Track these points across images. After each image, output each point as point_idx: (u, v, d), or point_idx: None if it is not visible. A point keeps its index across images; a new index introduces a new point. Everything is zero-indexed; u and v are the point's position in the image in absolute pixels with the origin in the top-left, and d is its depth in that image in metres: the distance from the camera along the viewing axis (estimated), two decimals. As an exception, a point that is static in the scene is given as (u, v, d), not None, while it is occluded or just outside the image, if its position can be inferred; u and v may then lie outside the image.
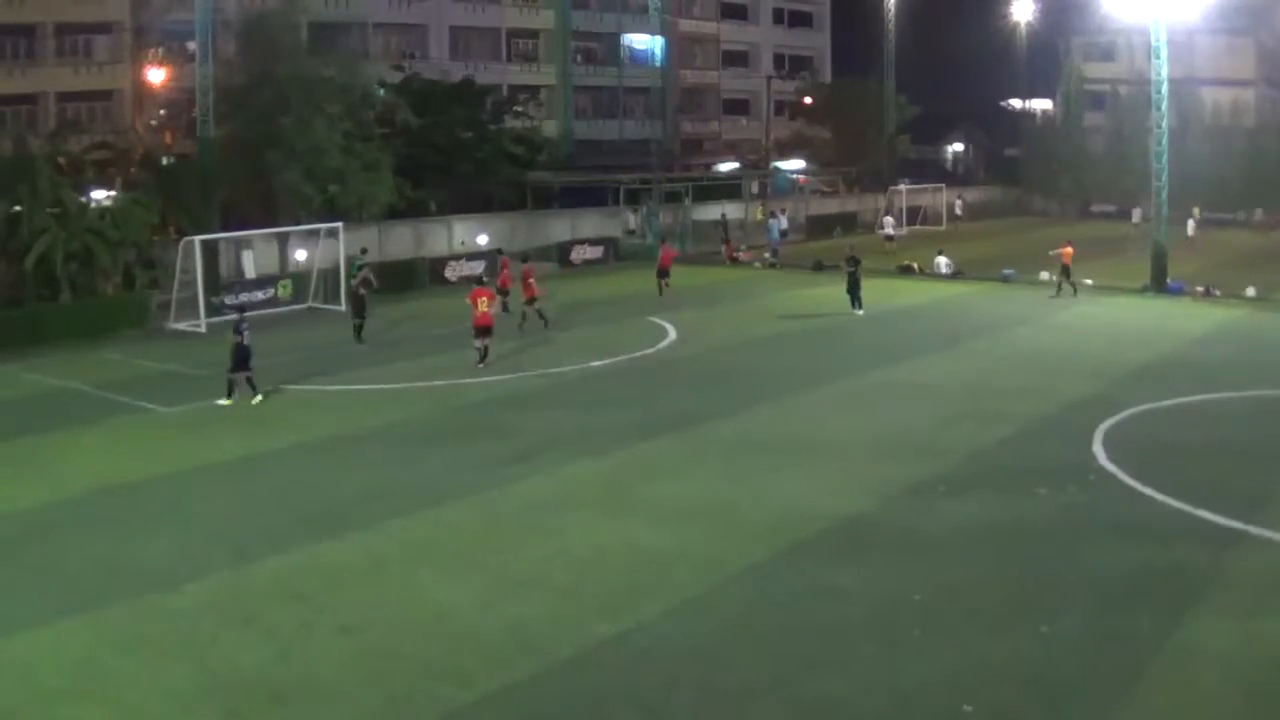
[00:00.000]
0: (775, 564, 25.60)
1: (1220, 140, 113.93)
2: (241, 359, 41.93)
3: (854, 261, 60.22)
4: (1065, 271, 66.15)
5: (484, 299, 47.98)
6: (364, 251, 64.36)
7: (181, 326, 57.57)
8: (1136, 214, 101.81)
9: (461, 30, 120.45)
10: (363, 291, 53.03)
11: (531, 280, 55.73)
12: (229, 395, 41.59)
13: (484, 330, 47.50)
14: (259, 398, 41.74)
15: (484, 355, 47.47)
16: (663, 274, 67.32)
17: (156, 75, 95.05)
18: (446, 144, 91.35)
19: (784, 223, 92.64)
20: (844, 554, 26.11)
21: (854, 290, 59.43)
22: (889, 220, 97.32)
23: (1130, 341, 52.31)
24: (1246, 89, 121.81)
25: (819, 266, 78.35)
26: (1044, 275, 70.87)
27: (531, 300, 55.23)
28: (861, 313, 58.72)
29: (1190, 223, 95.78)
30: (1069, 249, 66.81)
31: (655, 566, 25.45)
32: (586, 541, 27.10)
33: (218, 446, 36.31)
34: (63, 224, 58.95)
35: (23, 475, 33.61)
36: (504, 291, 56.88)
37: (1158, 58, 68.28)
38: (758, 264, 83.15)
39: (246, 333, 42.04)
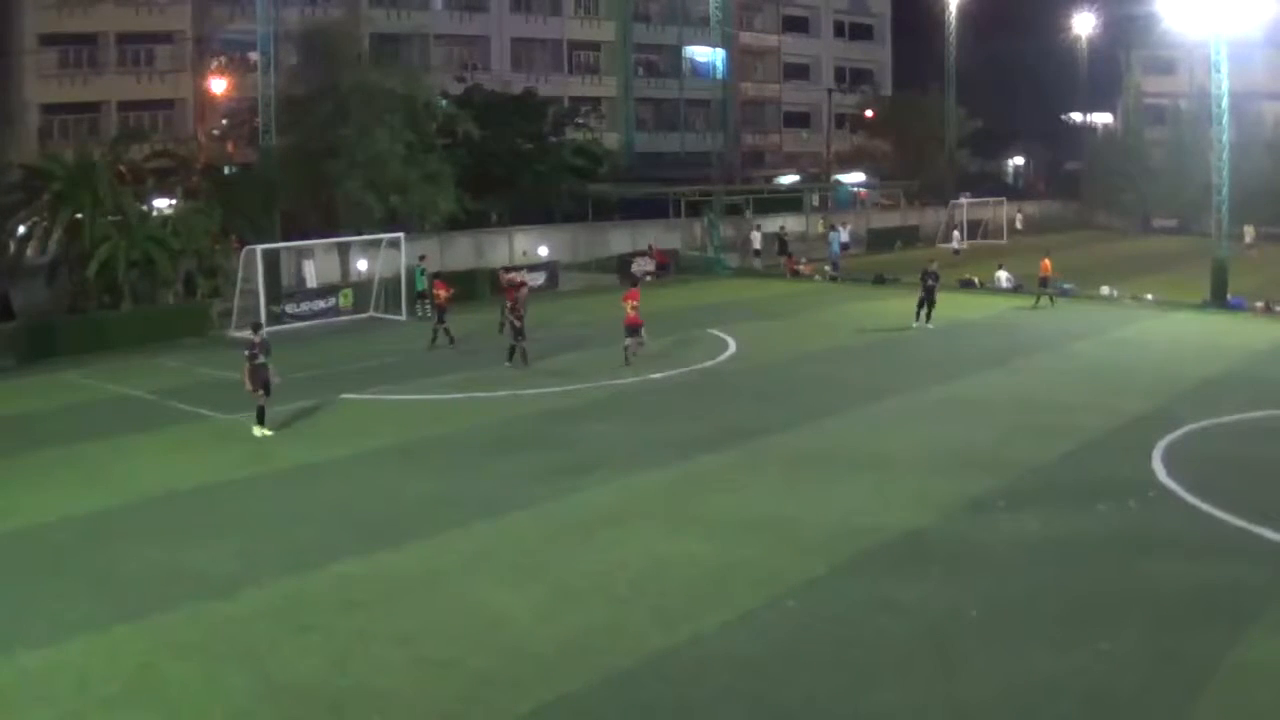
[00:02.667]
0: (833, 578, 25.49)
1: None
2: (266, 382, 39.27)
3: (933, 276, 59.81)
4: (1043, 283, 66.51)
5: (631, 301, 49.94)
6: (422, 259, 64.83)
7: (242, 335, 57.79)
8: (1249, 233, 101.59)
9: (523, 42, 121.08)
10: (516, 317, 50.53)
11: (442, 292, 56.10)
12: (260, 422, 39.10)
13: (632, 329, 49.47)
14: (262, 430, 39.05)
15: (626, 354, 49.62)
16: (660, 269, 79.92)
17: (218, 85, 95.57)
18: (508, 155, 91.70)
19: (845, 236, 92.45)
20: (902, 569, 25.98)
21: (926, 304, 59.45)
22: (956, 235, 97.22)
23: (1190, 357, 52.06)
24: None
25: (880, 280, 78.36)
26: (1104, 290, 70.75)
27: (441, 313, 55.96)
28: (931, 326, 58.47)
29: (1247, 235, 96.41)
30: (1046, 261, 67.49)
31: (713, 579, 25.40)
32: (644, 553, 27.06)
33: (277, 454, 36.51)
34: (124, 232, 59.38)
35: (82, 481, 33.87)
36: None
37: (1218, 72, 67.92)
38: (818, 277, 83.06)
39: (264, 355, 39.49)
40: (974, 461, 34.68)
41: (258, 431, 38.68)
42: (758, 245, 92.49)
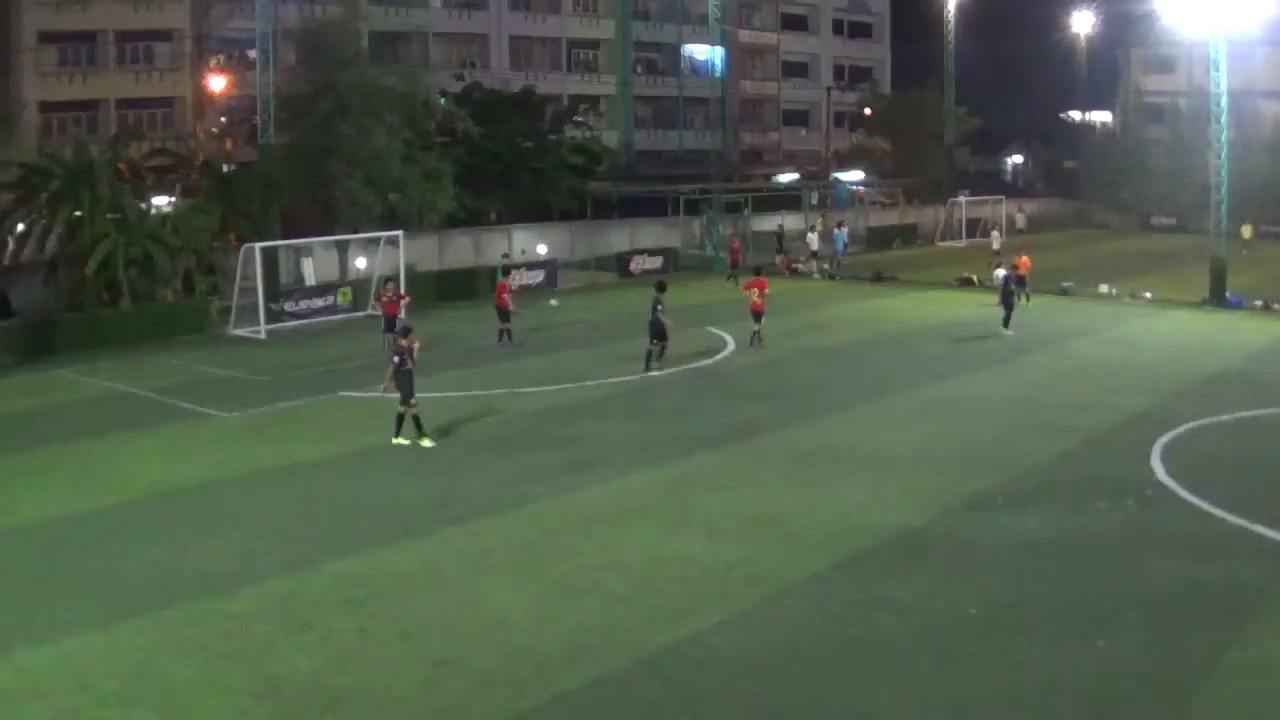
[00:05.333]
0: (832, 576, 25.52)
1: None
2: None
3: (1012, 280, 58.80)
4: (1020, 281, 66.30)
5: (756, 290, 53.94)
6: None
7: (241, 333, 57.93)
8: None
9: (522, 40, 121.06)
10: (665, 321, 49.00)
11: (384, 299, 53.48)
12: (398, 432, 36.96)
13: (756, 315, 53.67)
14: (427, 441, 36.87)
15: (754, 338, 53.69)
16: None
17: (217, 83, 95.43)
18: (506, 153, 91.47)
19: (845, 236, 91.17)
20: (901, 567, 26.00)
21: (1007, 307, 57.70)
22: (995, 235, 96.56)
23: (1189, 355, 52.08)
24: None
25: (878, 278, 78.32)
26: (1103, 288, 70.73)
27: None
28: (1010, 333, 56.88)
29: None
30: (1025, 259, 67.20)
31: (712, 577, 25.45)
32: (643, 552, 27.09)
33: (277, 452, 36.47)
34: (123, 230, 59.33)
35: (81, 479, 33.83)
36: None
37: (1217, 70, 67.85)
38: (817, 275, 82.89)
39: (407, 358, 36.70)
40: (973, 460, 34.69)
41: (425, 442, 36.77)
42: (815, 247, 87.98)
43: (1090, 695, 20.07)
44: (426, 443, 36.57)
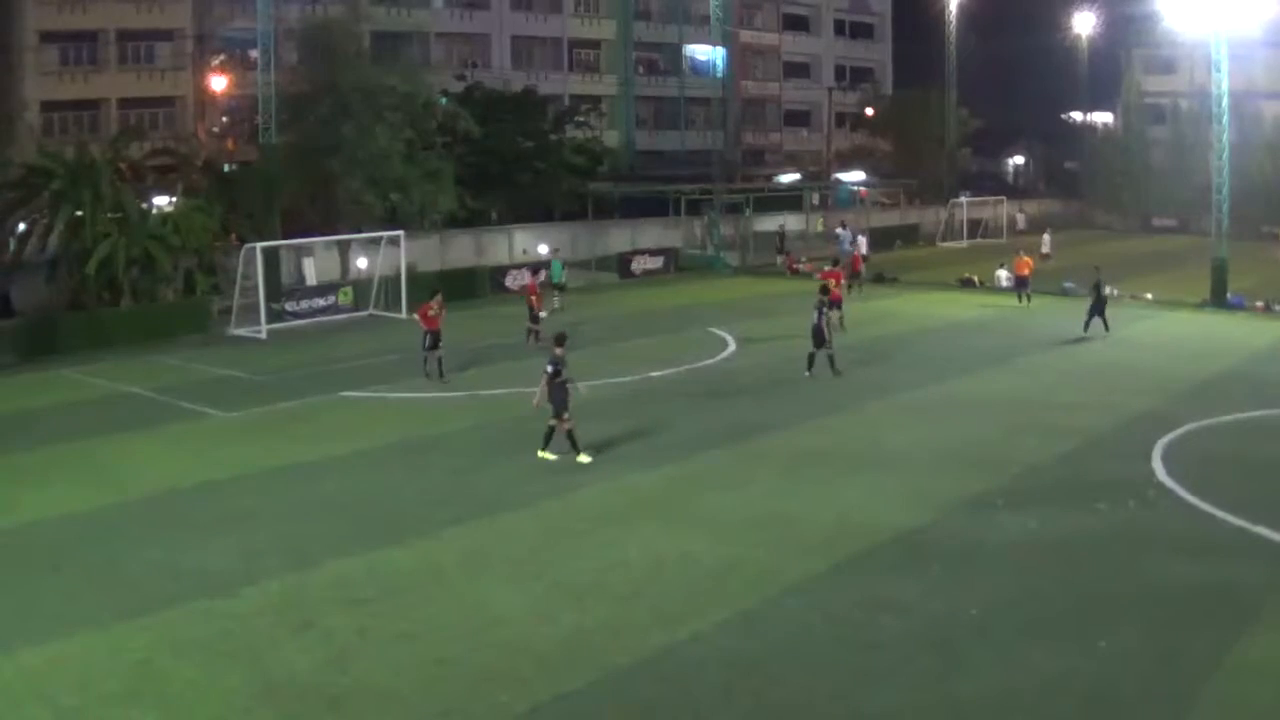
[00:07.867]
0: (833, 576, 25.53)
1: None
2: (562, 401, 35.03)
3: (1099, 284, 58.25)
4: (1021, 282, 66.64)
5: (832, 280, 56.27)
6: (556, 251, 66.18)
7: (242, 333, 57.91)
8: None
9: (523, 40, 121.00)
10: (826, 327, 47.49)
11: (431, 313, 51.64)
12: (546, 445, 35.21)
13: (835, 304, 53.77)
14: (584, 456, 34.86)
15: (839, 322, 54.41)
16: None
17: (218, 82, 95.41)
18: (508, 153, 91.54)
19: (849, 237, 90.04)
20: (902, 567, 26.00)
21: (1098, 310, 56.94)
22: (1046, 239, 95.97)
23: (1190, 356, 52.07)
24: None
25: (880, 279, 78.23)
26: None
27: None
28: (1106, 334, 56.24)
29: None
30: (1027, 259, 68.34)
31: (712, 577, 25.45)
32: (644, 552, 27.08)
33: (277, 452, 36.46)
34: (124, 229, 59.38)
35: (82, 478, 33.82)
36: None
37: (1218, 71, 67.83)
38: (818, 275, 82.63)
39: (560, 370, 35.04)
40: (974, 460, 34.69)
41: (583, 458, 34.69)
42: (864, 250, 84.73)
43: (1091, 696, 20.07)
44: (584, 458, 34.71)
